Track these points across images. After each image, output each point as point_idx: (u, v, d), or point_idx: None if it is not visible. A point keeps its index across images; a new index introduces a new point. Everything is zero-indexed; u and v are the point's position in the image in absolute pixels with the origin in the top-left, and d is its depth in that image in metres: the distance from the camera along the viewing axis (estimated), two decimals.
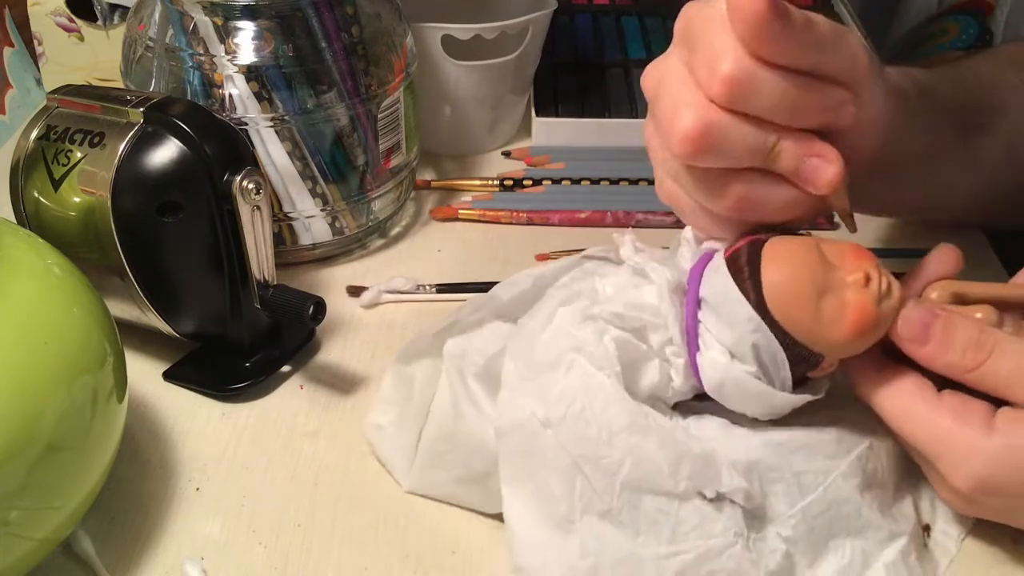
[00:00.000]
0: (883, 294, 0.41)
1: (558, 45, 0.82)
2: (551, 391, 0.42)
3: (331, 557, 0.45)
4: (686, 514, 0.40)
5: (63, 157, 0.51)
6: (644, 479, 0.40)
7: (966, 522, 0.45)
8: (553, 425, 0.41)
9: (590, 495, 0.41)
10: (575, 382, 0.42)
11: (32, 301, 0.41)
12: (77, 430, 0.40)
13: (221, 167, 0.50)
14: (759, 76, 0.39)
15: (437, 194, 0.71)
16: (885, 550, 0.43)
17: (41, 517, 0.40)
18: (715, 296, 0.42)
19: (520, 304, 0.46)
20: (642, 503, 0.41)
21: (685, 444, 0.41)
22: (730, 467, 0.41)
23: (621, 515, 0.41)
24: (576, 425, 0.41)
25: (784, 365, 0.41)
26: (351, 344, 0.57)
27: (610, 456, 0.40)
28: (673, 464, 0.40)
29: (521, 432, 0.42)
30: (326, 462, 0.50)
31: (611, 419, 0.41)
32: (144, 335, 0.55)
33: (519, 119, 0.78)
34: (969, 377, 0.41)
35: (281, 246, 0.62)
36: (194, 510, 0.47)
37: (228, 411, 0.53)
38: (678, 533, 0.40)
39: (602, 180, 0.71)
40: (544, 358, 0.43)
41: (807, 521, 0.42)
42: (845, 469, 0.43)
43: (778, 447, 0.42)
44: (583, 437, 0.41)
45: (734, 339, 0.41)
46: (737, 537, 0.40)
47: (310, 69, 0.58)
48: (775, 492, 0.42)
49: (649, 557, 0.40)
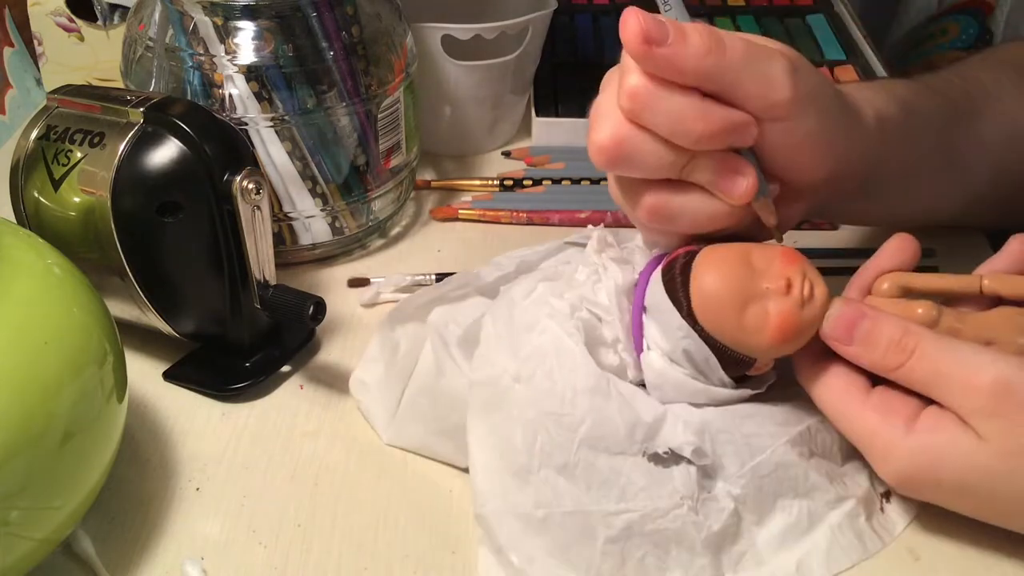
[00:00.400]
0: (806, 299, 0.42)
1: (558, 45, 0.82)
2: (524, 349, 0.45)
3: (331, 557, 0.45)
4: (637, 475, 0.43)
5: (63, 157, 0.51)
6: (601, 438, 0.43)
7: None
8: (522, 380, 0.44)
9: (550, 449, 0.43)
10: (547, 343, 0.45)
11: (32, 301, 0.41)
12: (77, 430, 0.40)
13: (221, 167, 0.50)
14: (654, 94, 0.41)
15: (437, 194, 0.71)
16: (832, 512, 0.45)
17: (41, 517, 0.40)
18: (652, 304, 0.45)
19: (502, 284, 0.50)
20: (597, 461, 0.43)
21: (641, 411, 0.43)
22: (681, 424, 0.43)
23: (576, 470, 0.43)
24: (544, 382, 0.44)
25: (716, 367, 0.44)
26: (351, 344, 0.57)
27: (572, 414, 0.43)
28: (629, 427, 0.43)
29: (492, 386, 0.45)
30: (326, 462, 0.50)
31: (576, 380, 0.44)
32: (144, 335, 0.55)
33: (519, 119, 0.78)
34: (893, 376, 0.43)
35: (281, 246, 0.62)
36: (194, 510, 0.47)
37: (228, 411, 0.53)
38: (628, 492, 0.43)
39: (602, 180, 0.71)
40: (521, 321, 0.46)
41: (755, 481, 0.44)
42: (794, 436, 0.45)
43: (730, 412, 0.45)
44: (549, 394, 0.44)
45: (669, 345, 0.44)
46: (684, 500, 0.42)
47: (310, 69, 0.58)
48: (726, 453, 0.44)
49: (598, 512, 0.43)
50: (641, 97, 0.41)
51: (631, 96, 0.41)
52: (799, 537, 0.44)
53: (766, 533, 0.44)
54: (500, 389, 0.45)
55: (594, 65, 0.80)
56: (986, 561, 0.44)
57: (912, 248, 0.46)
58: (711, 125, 0.41)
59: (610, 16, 0.87)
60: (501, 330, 0.46)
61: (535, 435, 0.43)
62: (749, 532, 0.44)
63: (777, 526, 0.44)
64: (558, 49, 0.82)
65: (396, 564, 0.44)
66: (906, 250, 0.46)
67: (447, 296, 0.50)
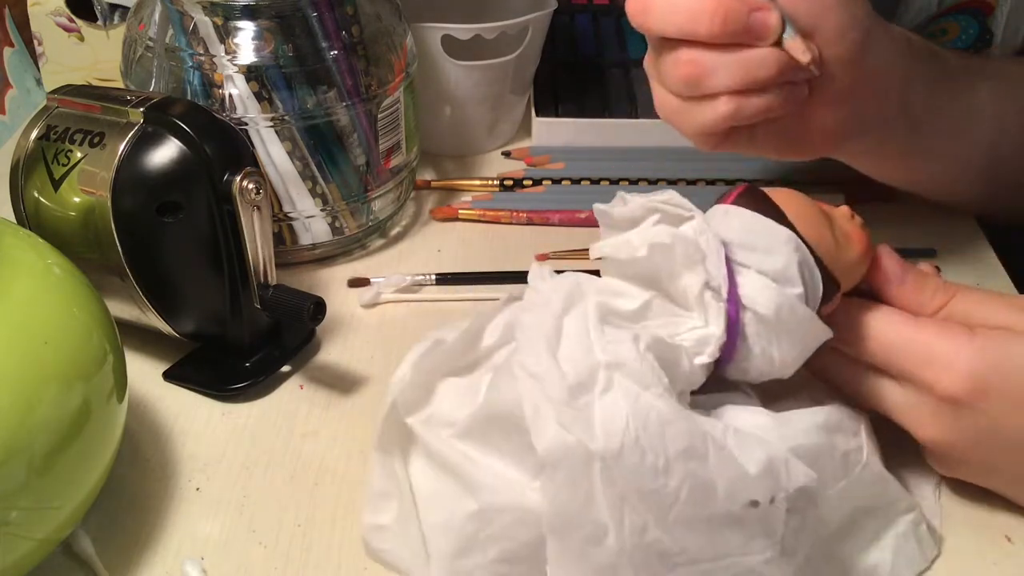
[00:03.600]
0: (864, 224, 0.45)
1: (558, 45, 0.82)
2: (594, 415, 0.37)
3: (331, 557, 0.45)
4: (731, 534, 0.38)
5: (63, 157, 0.51)
6: (700, 504, 0.37)
7: (933, 478, 0.47)
8: (609, 457, 0.36)
9: (641, 527, 0.37)
10: (621, 405, 0.37)
11: (32, 301, 0.41)
12: (77, 430, 0.40)
13: (221, 167, 0.50)
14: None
15: (437, 194, 0.71)
16: (899, 519, 0.44)
17: (41, 517, 0.40)
18: (743, 231, 0.42)
19: (455, 356, 0.42)
20: (693, 532, 0.37)
21: (741, 466, 0.37)
22: (796, 460, 0.39)
23: (677, 558, 0.37)
24: (632, 456, 0.36)
25: (819, 285, 0.42)
26: (351, 344, 0.57)
27: (667, 485, 0.37)
28: (729, 486, 0.37)
29: (568, 463, 0.37)
30: (326, 462, 0.50)
31: (667, 444, 0.37)
32: (144, 335, 0.55)
33: (519, 119, 0.78)
34: (934, 317, 0.44)
35: (281, 246, 0.62)
36: (194, 510, 0.47)
37: (228, 411, 0.53)
38: (719, 550, 0.38)
39: (602, 180, 0.71)
40: (577, 378, 0.38)
41: (846, 500, 0.42)
42: (871, 445, 0.44)
43: (824, 428, 0.42)
44: (639, 468, 0.36)
45: (781, 263, 0.41)
46: (774, 548, 0.38)
47: (310, 69, 0.58)
48: (823, 472, 0.40)
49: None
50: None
51: None
52: (867, 547, 0.43)
53: (840, 546, 0.42)
54: (577, 464, 0.37)
55: (594, 65, 0.81)
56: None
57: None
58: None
59: (610, 16, 0.86)
60: (553, 391, 0.37)
61: (622, 515, 0.37)
62: (826, 545, 0.42)
63: (852, 537, 0.43)
64: (558, 49, 0.81)
65: None
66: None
67: (404, 397, 0.41)
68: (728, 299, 0.41)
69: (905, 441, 0.45)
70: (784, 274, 0.41)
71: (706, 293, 0.40)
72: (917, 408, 0.43)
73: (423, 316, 0.59)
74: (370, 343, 0.57)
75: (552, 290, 0.41)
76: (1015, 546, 0.45)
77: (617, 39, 0.84)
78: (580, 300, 0.41)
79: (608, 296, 0.41)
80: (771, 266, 0.41)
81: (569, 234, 0.66)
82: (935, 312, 0.45)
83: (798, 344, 0.42)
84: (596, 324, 0.39)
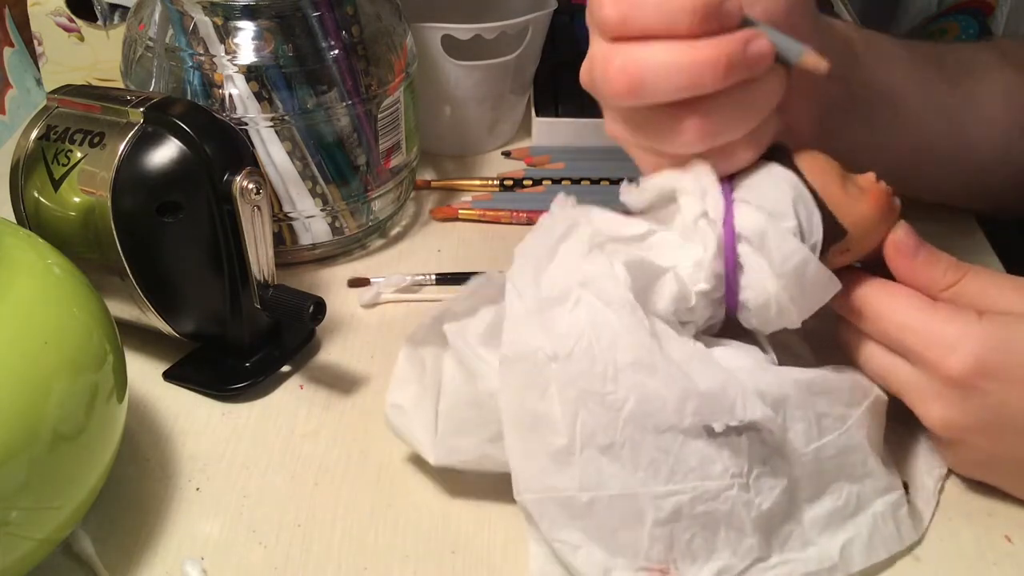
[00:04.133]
0: (888, 193, 0.45)
1: (558, 45, 0.82)
2: (558, 326, 0.42)
3: (331, 557, 0.45)
4: (686, 454, 0.41)
5: (63, 157, 0.51)
6: (647, 416, 0.41)
7: (939, 471, 0.47)
8: (559, 359, 0.42)
9: (592, 429, 0.41)
10: (582, 317, 0.42)
11: (32, 301, 0.41)
12: (77, 430, 0.40)
13: (221, 167, 0.50)
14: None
15: (437, 194, 0.71)
16: (878, 500, 0.45)
17: (41, 517, 0.40)
18: (749, 173, 0.44)
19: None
20: (644, 440, 0.41)
21: (691, 381, 0.41)
22: (756, 397, 0.41)
23: (622, 451, 0.41)
24: (582, 361, 0.41)
25: (819, 226, 0.43)
26: (351, 344, 0.57)
27: (615, 392, 0.41)
28: (677, 400, 0.41)
29: (526, 364, 0.42)
30: (326, 462, 0.50)
31: (617, 356, 0.41)
32: (144, 335, 0.55)
33: (519, 119, 0.78)
34: (947, 293, 0.45)
35: (281, 246, 0.62)
36: (194, 510, 0.47)
37: (228, 411, 0.53)
38: (676, 472, 0.41)
39: (602, 180, 0.71)
40: (550, 293, 0.43)
41: (817, 462, 0.43)
42: (859, 417, 0.44)
43: (806, 386, 0.44)
44: (588, 372, 0.41)
45: (775, 197, 0.43)
46: (734, 479, 0.41)
47: (310, 69, 0.58)
48: (795, 429, 0.43)
49: (646, 495, 0.41)
50: (624, 3, 0.41)
51: (614, 7, 0.41)
52: (843, 521, 0.44)
53: (812, 513, 0.43)
54: (535, 366, 0.42)
55: None
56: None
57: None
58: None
59: None
60: (529, 304, 0.43)
61: (576, 415, 0.41)
62: (799, 509, 0.43)
63: (825, 507, 0.44)
64: (558, 49, 0.81)
65: (396, 564, 0.44)
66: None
67: (454, 310, 0.47)
68: (724, 228, 0.43)
69: (917, 431, 0.46)
70: (777, 207, 0.43)
71: (701, 221, 0.43)
72: (924, 389, 0.44)
73: (423, 316, 0.59)
74: (370, 343, 0.57)
75: (561, 218, 0.45)
76: (1015, 546, 0.45)
77: None
78: (575, 230, 0.45)
79: (612, 225, 0.45)
80: (766, 200, 0.43)
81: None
82: (946, 289, 0.45)
83: (795, 283, 0.43)
84: (584, 249, 0.43)
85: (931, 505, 0.46)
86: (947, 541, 0.45)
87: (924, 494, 0.46)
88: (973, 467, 0.46)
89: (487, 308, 0.46)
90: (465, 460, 0.46)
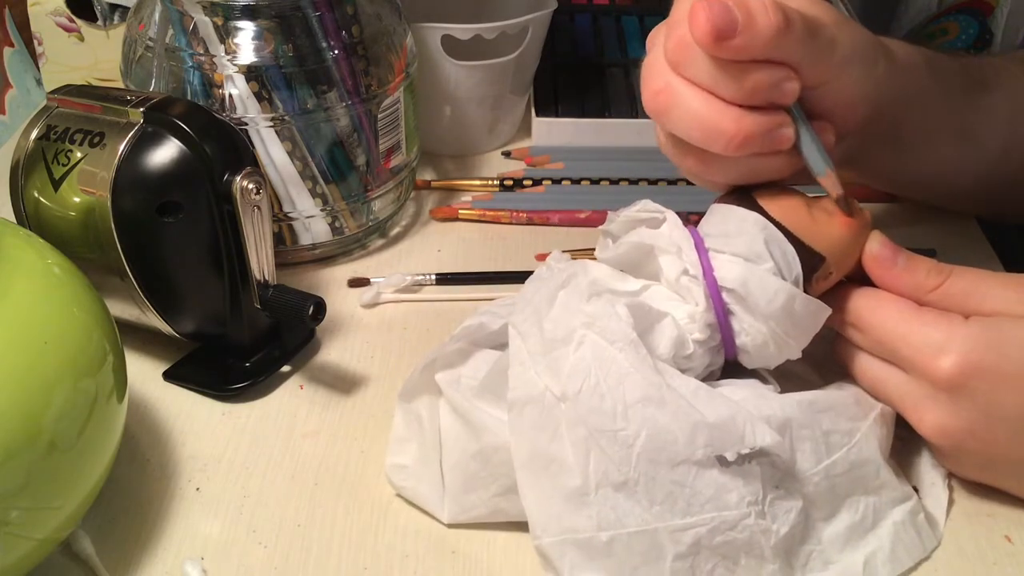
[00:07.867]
0: (858, 210, 0.46)
1: (558, 45, 0.82)
2: (564, 366, 0.42)
3: (331, 557, 0.45)
4: (701, 485, 0.41)
5: (63, 157, 0.51)
6: (660, 450, 0.41)
7: (945, 471, 0.47)
8: (568, 399, 0.42)
9: (605, 467, 0.41)
10: (588, 356, 0.42)
11: (32, 301, 0.41)
12: (77, 430, 0.40)
13: (221, 167, 0.50)
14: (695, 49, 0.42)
15: (437, 194, 0.71)
16: (895, 509, 0.45)
17: (41, 517, 0.40)
18: (718, 222, 0.45)
19: (499, 335, 0.46)
20: (658, 475, 0.41)
21: (699, 414, 0.41)
22: (763, 423, 0.41)
23: (637, 487, 0.41)
24: (591, 399, 0.41)
25: (795, 260, 0.44)
26: (351, 344, 0.57)
27: (626, 429, 0.41)
28: (688, 434, 0.41)
29: (535, 406, 0.43)
30: (326, 462, 0.50)
31: (625, 392, 0.41)
32: (144, 335, 0.55)
33: (519, 119, 0.78)
34: (931, 295, 0.45)
35: (281, 246, 0.62)
36: (194, 510, 0.47)
37: (228, 411, 0.53)
38: (693, 504, 0.41)
39: (602, 180, 0.71)
40: (554, 335, 0.43)
41: (829, 479, 0.43)
42: (866, 430, 0.44)
43: (809, 406, 0.44)
44: (598, 410, 0.41)
45: (747, 243, 0.44)
46: (751, 507, 0.41)
47: (310, 69, 0.58)
48: (802, 450, 0.43)
49: (664, 529, 0.41)
50: (685, 49, 0.43)
51: (676, 47, 0.43)
52: (863, 535, 0.44)
53: (831, 530, 0.43)
54: (544, 408, 0.42)
55: (594, 65, 0.81)
56: None
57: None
58: (761, 76, 0.42)
59: (610, 16, 0.87)
60: (533, 346, 0.43)
61: (588, 453, 0.41)
62: (815, 529, 0.43)
63: (843, 523, 0.43)
64: (558, 49, 0.82)
65: (396, 564, 0.44)
66: None
67: (444, 355, 0.46)
68: (707, 282, 0.44)
69: (919, 436, 0.46)
70: (751, 251, 0.44)
71: (683, 278, 0.44)
72: (916, 396, 0.44)
73: (423, 316, 0.59)
74: (370, 343, 0.57)
75: (558, 270, 0.46)
76: (1015, 546, 0.45)
77: (617, 39, 0.84)
78: (574, 280, 0.45)
79: (608, 280, 0.45)
80: (740, 247, 0.44)
81: (569, 234, 0.66)
82: (932, 292, 0.45)
83: (786, 319, 0.44)
84: (584, 295, 0.44)
85: (943, 507, 0.46)
86: (947, 541, 0.45)
87: (934, 497, 0.46)
88: (972, 471, 0.46)
89: (479, 354, 0.46)
90: (478, 515, 0.45)
